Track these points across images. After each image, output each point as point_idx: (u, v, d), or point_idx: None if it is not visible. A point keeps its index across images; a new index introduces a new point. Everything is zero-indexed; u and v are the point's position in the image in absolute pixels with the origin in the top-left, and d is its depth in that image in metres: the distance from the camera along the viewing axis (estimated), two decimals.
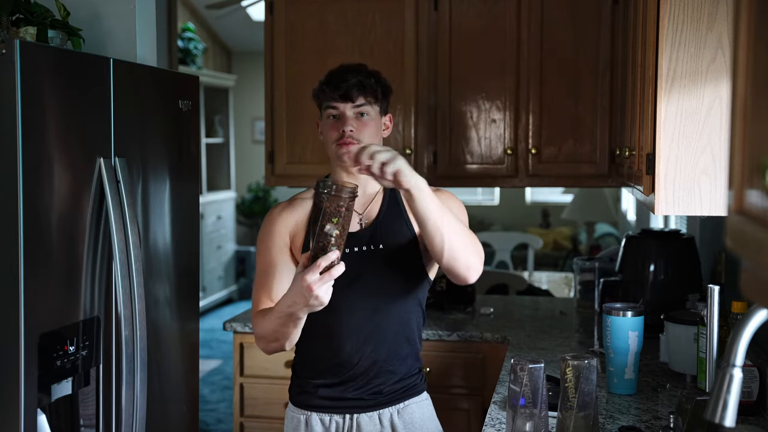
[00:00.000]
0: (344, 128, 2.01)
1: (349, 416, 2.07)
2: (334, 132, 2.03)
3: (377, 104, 2.06)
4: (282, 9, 3.27)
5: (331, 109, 2.04)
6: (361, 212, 2.08)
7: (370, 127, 2.03)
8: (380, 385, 2.06)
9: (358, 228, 2.07)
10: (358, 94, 2.02)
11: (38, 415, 1.94)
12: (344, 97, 2.01)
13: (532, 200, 9.89)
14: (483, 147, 3.18)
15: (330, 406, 2.08)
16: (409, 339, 2.09)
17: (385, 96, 2.09)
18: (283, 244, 2.08)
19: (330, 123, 2.04)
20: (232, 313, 7.75)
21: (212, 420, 4.99)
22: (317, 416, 2.09)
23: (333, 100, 2.03)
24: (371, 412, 2.07)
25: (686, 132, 1.69)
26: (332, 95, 2.02)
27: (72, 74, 2.02)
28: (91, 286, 2.10)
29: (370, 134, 2.03)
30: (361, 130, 2.02)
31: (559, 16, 3.12)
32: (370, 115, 2.04)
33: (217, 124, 8.40)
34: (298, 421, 2.11)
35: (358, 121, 2.02)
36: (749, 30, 0.79)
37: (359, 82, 2.02)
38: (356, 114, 2.02)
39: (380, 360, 2.05)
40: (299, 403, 2.13)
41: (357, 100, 2.02)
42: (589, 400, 1.72)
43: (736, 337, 1.24)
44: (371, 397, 2.06)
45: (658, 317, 2.41)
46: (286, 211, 2.12)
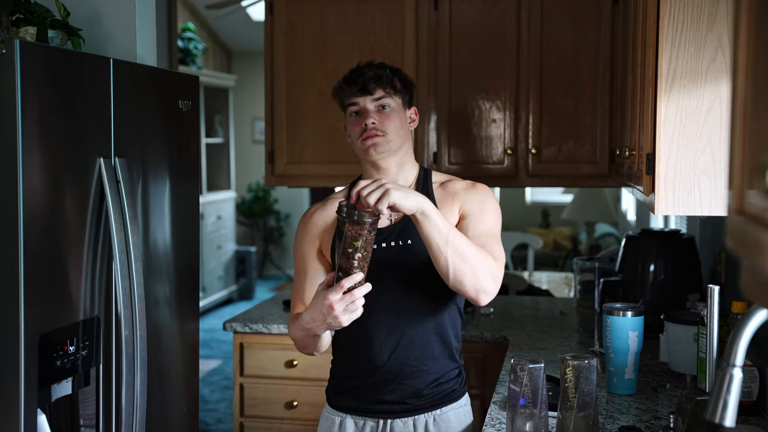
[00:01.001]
0: (366, 121, 1.99)
1: (383, 421, 2.04)
2: (356, 127, 2.02)
3: (397, 95, 2.04)
4: (282, 9, 3.28)
5: (352, 106, 2.03)
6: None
7: (393, 119, 2.02)
8: (414, 388, 2.02)
9: (388, 223, 2.04)
10: (375, 86, 2.01)
11: (38, 415, 1.94)
12: (362, 90, 2.01)
13: (532, 200, 9.89)
14: (483, 147, 3.18)
15: (365, 409, 2.05)
16: (442, 337, 2.04)
17: (405, 88, 2.07)
18: (315, 249, 2.10)
19: (353, 120, 2.04)
20: (232, 313, 7.76)
21: (212, 420, 4.99)
22: (351, 419, 2.07)
23: (352, 96, 2.02)
24: (406, 417, 2.03)
25: (686, 132, 1.69)
26: (350, 90, 2.02)
27: (72, 74, 2.02)
28: (91, 286, 2.10)
29: (395, 126, 2.01)
30: (384, 122, 2.00)
31: (559, 16, 3.12)
32: (391, 107, 2.03)
33: (217, 124, 8.40)
34: (332, 422, 2.10)
35: (380, 113, 2.01)
36: (749, 30, 0.79)
37: (375, 75, 2.01)
38: (377, 107, 2.01)
39: (411, 359, 2.01)
40: (335, 404, 2.11)
41: (375, 93, 2.01)
42: (589, 400, 1.72)
43: (736, 337, 1.24)
44: (407, 401, 2.03)
45: (658, 317, 2.41)
46: (318, 213, 2.12)
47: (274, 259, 9.76)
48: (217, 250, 8.14)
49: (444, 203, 2.04)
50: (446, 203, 2.04)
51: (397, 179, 2.05)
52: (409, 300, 2.02)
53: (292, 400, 3.04)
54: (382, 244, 2.01)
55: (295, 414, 3.04)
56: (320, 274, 2.08)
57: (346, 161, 3.25)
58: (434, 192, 2.07)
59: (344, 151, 3.27)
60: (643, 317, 2.18)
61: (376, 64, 2.06)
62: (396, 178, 2.06)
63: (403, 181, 2.07)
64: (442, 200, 2.05)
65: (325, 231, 2.09)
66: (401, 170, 2.07)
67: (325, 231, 2.09)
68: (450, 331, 2.07)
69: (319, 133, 3.28)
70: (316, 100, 3.28)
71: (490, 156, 3.18)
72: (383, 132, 2.00)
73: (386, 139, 2.00)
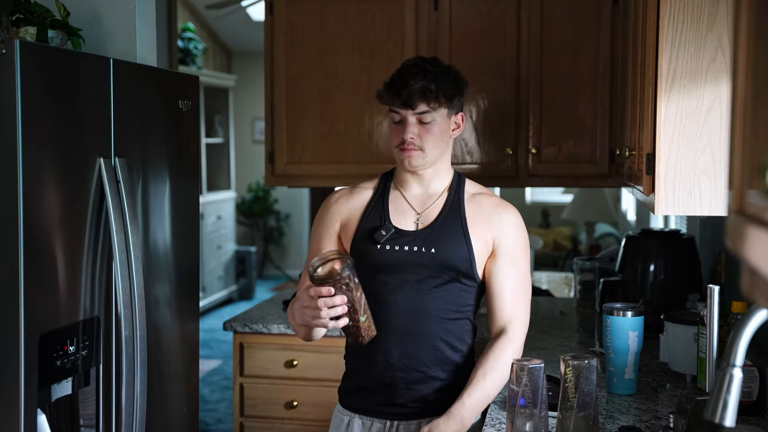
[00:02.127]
0: (404, 135, 1.97)
1: (390, 422, 2.04)
2: (396, 136, 2.00)
3: (443, 107, 1.99)
4: (282, 9, 3.27)
5: (393, 114, 2.00)
6: (419, 212, 2.06)
7: (433, 134, 1.98)
8: (422, 393, 2.02)
9: (414, 228, 2.04)
10: (419, 101, 1.96)
11: (38, 415, 1.94)
12: (405, 104, 1.96)
13: (532, 200, 9.90)
14: (483, 147, 3.18)
15: (372, 410, 2.05)
16: (452, 346, 2.04)
17: (452, 97, 2.00)
18: (333, 232, 2.10)
19: (393, 126, 2.01)
20: (232, 313, 7.76)
21: (212, 420, 4.99)
22: (359, 419, 2.07)
23: (395, 105, 1.98)
24: (412, 420, 2.03)
25: (686, 132, 1.69)
26: (393, 101, 1.98)
27: (72, 74, 2.02)
28: (91, 286, 2.10)
29: (434, 140, 1.99)
30: (423, 137, 1.98)
31: (559, 16, 3.12)
32: (434, 121, 1.98)
33: (217, 124, 8.40)
34: (341, 420, 2.10)
35: (420, 126, 1.98)
36: (749, 30, 0.79)
37: (421, 89, 1.95)
38: (419, 119, 1.97)
39: (421, 364, 2.01)
40: (345, 403, 2.11)
41: (418, 108, 1.96)
42: (589, 400, 1.72)
43: (736, 337, 1.24)
44: (415, 405, 2.02)
45: (658, 317, 2.41)
46: (343, 199, 2.11)
47: (274, 259, 9.76)
48: (217, 250, 8.14)
49: (475, 222, 2.03)
50: (478, 222, 2.03)
51: (431, 183, 2.06)
52: (424, 306, 2.01)
53: (292, 400, 3.04)
54: (405, 247, 2.01)
55: (295, 414, 3.04)
56: None
57: (346, 161, 3.25)
58: (465, 204, 2.05)
59: (344, 151, 3.27)
60: (643, 317, 2.18)
61: (424, 71, 1.97)
62: (430, 182, 2.06)
63: (436, 185, 2.07)
64: (474, 218, 2.04)
65: (347, 215, 2.09)
66: (435, 176, 2.06)
67: (348, 215, 2.08)
68: (461, 339, 2.06)
69: (319, 133, 3.28)
70: (316, 100, 3.28)
71: (490, 156, 3.18)
72: (420, 147, 1.98)
73: (423, 155, 1.99)
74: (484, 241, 2.02)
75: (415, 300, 2.00)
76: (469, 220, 2.03)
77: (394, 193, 2.09)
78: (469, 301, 2.06)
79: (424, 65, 1.99)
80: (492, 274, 2.03)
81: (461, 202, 2.05)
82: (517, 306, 2.03)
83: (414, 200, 2.07)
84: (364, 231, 2.05)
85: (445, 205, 2.05)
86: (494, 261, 2.03)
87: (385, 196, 2.08)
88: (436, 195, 2.06)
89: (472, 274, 2.02)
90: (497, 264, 2.03)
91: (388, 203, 2.07)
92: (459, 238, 2.01)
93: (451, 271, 2.00)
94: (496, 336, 2.03)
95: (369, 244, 2.02)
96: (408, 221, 2.05)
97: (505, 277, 2.03)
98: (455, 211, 2.04)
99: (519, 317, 2.03)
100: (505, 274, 2.03)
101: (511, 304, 2.03)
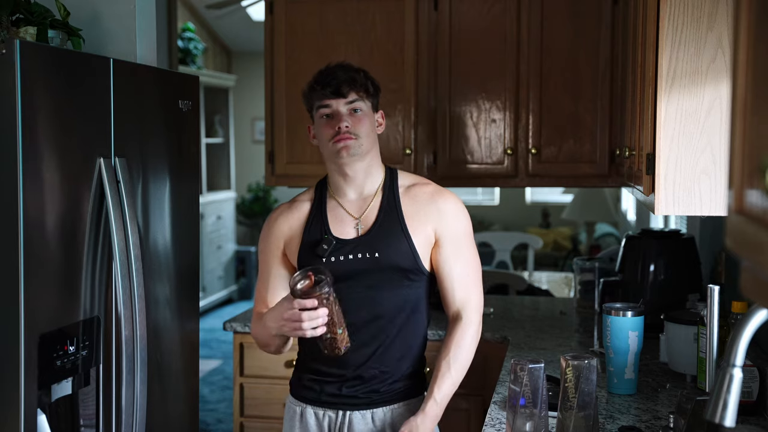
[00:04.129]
0: (339, 125, 2.00)
1: (342, 412, 2.07)
2: (329, 129, 2.01)
3: (369, 99, 2.05)
4: (282, 9, 3.27)
5: (323, 108, 2.02)
6: (357, 217, 2.07)
7: (365, 123, 2.02)
8: (374, 386, 2.06)
9: (355, 234, 2.06)
10: (349, 89, 2.01)
11: (38, 415, 1.94)
12: (336, 93, 2.00)
13: (532, 200, 9.89)
14: (483, 147, 3.18)
15: (324, 401, 2.08)
16: (408, 342, 2.08)
17: (376, 92, 2.08)
18: (277, 250, 2.13)
19: (323, 122, 2.03)
20: (232, 313, 7.75)
21: (212, 420, 4.99)
22: (312, 410, 2.10)
23: (325, 98, 2.01)
24: (365, 410, 2.06)
25: (686, 132, 1.69)
26: (323, 92, 2.01)
27: (72, 74, 2.02)
28: (91, 286, 2.10)
29: (366, 130, 2.02)
30: (356, 126, 2.01)
31: (559, 16, 3.12)
32: (363, 111, 2.03)
33: (217, 124, 8.39)
34: (294, 412, 2.13)
35: (352, 117, 2.01)
36: (749, 30, 0.79)
37: (350, 78, 2.01)
38: (350, 110, 2.01)
39: (378, 363, 2.04)
40: (297, 395, 2.14)
41: (349, 96, 2.01)
42: (589, 400, 1.72)
43: (736, 337, 1.24)
44: (366, 395, 2.06)
45: (658, 317, 2.41)
46: (282, 217, 2.14)
47: None
48: (217, 250, 8.14)
49: (413, 217, 2.05)
50: (415, 217, 2.05)
51: (365, 185, 2.07)
52: (374, 309, 2.04)
53: None
54: (349, 256, 2.03)
55: None
56: (282, 276, 2.13)
57: None
58: (401, 198, 2.07)
59: None
60: (643, 317, 2.18)
61: (347, 66, 2.06)
62: (363, 183, 2.07)
63: (370, 186, 2.08)
64: (411, 213, 2.05)
65: (288, 233, 2.11)
66: (368, 175, 2.08)
67: (289, 233, 2.11)
68: (415, 336, 2.10)
69: None
70: None
71: (490, 156, 3.18)
72: (356, 135, 2.00)
73: (358, 143, 2.01)
74: (426, 234, 2.04)
75: (369, 305, 2.03)
76: (407, 216, 2.05)
77: (330, 202, 2.11)
78: (420, 295, 2.09)
79: (345, 64, 2.07)
80: (439, 264, 2.06)
81: (396, 199, 2.07)
82: (469, 290, 2.06)
83: (351, 206, 2.08)
84: (306, 245, 2.07)
85: (381, 205, 2.06)
86: (439, 250, 2.06)
87: (323, 207, 2.10)
88: (371, 196, 2.08)
89: (419, 269, 2.05)
90: (442, 253, 2.05)
91: (327, 213, 2.09)
92: (399, 237, 2.03)
93: (398, 271, 2.03)
94: (453, 323, 2.07)
95: (313, 257, 2.04)
96: (348, 228, 2.06)
97: (452, 264, 2.05)
98: (392, 210, 2.06)
99: (472, 301, 2.07)
100: (452, 261, 2.05)
101: (462, 289, 2.06)
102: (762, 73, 0.75)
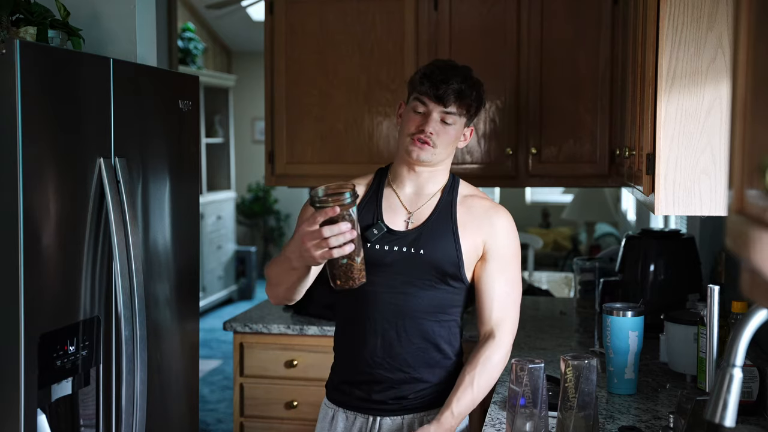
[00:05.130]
0: (425, 126, 1.96)
1: (373, 418, 2.04)
2: (414, 124, 1.98)
3: (466, 116, 2.01)
4: (282, 9, 3.28)
5: (419, 104, 1.99)
6: (410, 211, 2.05)
7: (449, 136, 1.99)
8: (404, 392, 2.02)
9: (404, 228, 2.03)
10: (453, 101, 1.96)
11: (38, 415, 1.94)
12: (438, 98, 1.96)
13: (532, 200, 9.89)
14: (483, 147, 3.18)
15: (354, 405, 2.06)
16: (438, 347, 2.04)
17: (476, 110, 2.03)
18: None
19: (413, 115, 1.99)
20: (232, 313, 7.76)
21: (212, 420, 4.99)
22: (343, 413, 2.08)
23: (426, 96, 1.97)
24: (395, 416, 2.04)
25: (686, 132, 1.69)
26: (428, 91, 1.97)
27: (72, 74, 2.02)
28: (91, 286, 2.10)
29: (447, 142, 1.99)
30: (440, 136, 1.97)
31: (559, 16, 3.12)
32: (454, 125, 1.99)
33: (217, 124, 8.40)
34: (326, 414, 2.12)
35: (440, 125, 1.97)
36: (749, 30, 0.79)
37: (459, 90, 1.96)
38: (442, 118, 1.97)
39: (405, 364, 2.01)
40: (330, 397, 2.13)
41: (449, 107, 1.96)
42: (589, 400, 1.72)
43: (736, 337, 1.24)
44: (395, 401, 2.03)
45: (658, 317, 2.41)
46: None
47: None
48: (217, 250, 8.14)
49: (466, 224, 2.03)
50: (468, 225, 2.03)
51: (426, 184, 2.05)
52: (410, 307, 2.00)
53: (292, 400, 3.04)
54: (395, 247, 2.00)
55: (295, 414, 3.04)
56: None
57: (346, 161, 3.25)
58: (457, 206, 2.05)
59: (344, 151, 3.27)
60: (643, 317, 2.18)
61: (464, 75, 1.99)
62: (425, 183, 2.05)
63: (431, 186, 2.06)
64: (465, 220, 2.03)
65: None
66: (432, 177, 2.05)
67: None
68: (447, 341, 2.06)
69: (319, 133, 3.28)
70: (316, 100, 3.28)
71: (490, 156, 3.18)
72: (434, 144, 1.97)
73: (434, 152, 1.98)
74: (474, 244, 2.02)
75: (402, 300, 2.00)
76: (460, 222, 2.02)
77: (387, 190, 2.08)
78: (456, 303, 2.06)
79: (465, 70, 2.01)
80: (482, 278, 2.03)
81: (453, 203, 2.05)
82: (506, 311, 2.03)
83: (406, 199, 2.07)
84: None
85: (437, 206, 2.04)
86: (484, 265, 2.03)
87: (379, 193, 2.07)
88: (429, 196, 2.06)
89: (460, 276, 2.02)
90: (487, 268, 2.03)
91: (382, 200, 2.06)
92: (448, 239, 2.01)
93: (439, 272, 2.00)
94: (484, 340, 2.02)
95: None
96: (399, 220, 2.04)
97: (495, 281, 2.03)
98: (446, 212, 2.03)
99: (507, 322, 2.03)
100: (496, 278, 2.03)
101: (500, 308, 2.02)
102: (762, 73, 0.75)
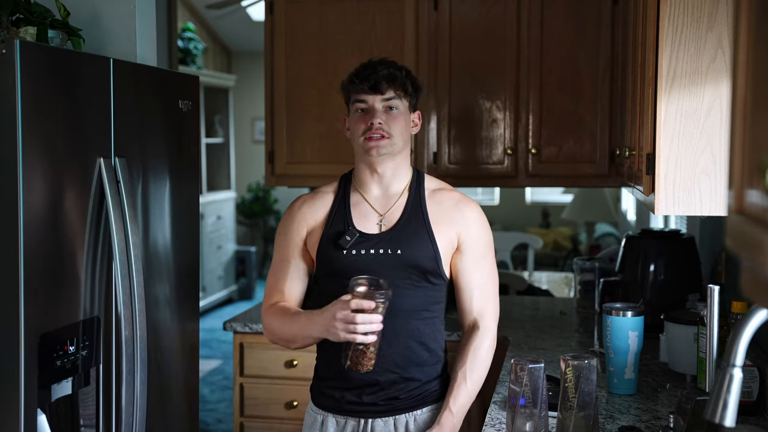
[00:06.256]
0: (372, 120, 1.98)
1: (364, 420, 2.04)
2: (361, 124, 2.00)
3: (406, 98, 2.03)
4: (282, 9, 3.28)
5: (359, 103, 2.01)
6: (382, 213, 2.06)
7: (399, 122, 2.01)
8: (394, 392, 2.03)
9: (378, 230, 2.04)
10: (387, 86, 1.99)
11: (38, 415, 1.94)
12: (373, 88, 1.98)
13: (532, 200, 9.89)
14: (483, 147, 3.18)
15: (345, 409, 2.06)
16: (426, 345, 2.05)
17: (416, 91, 2.06)
18: (299, 240, 2.10)
19: (358, 116, 2.02)
20: (232, 313, 7.76)
21: (212, 420, 4.99)
22: (333, 418, 2.07)
23: (362, 92, 2.00)
24: (386, 417, 2.04)
25: (686, 132, 1.69)
26: (361, 87, 1.99)
27: (72, 74, 2.02)
28: (91, 286, 2.10)
29: (400, 129, 2.01)
30: (390, 124, 1.99)
31: (559, 16, 3.12)
32: (399, 110, 2.01)
33: (217, 124, 8.40)
34: (314, 419, 2.11)
35: (387, 114, 2.00)
36: (749, 30, 0.79)
37: (390, 74, 1.99)
38: (385, 107, 2.00)
39: (395, 365, 2.01)
40: (318, 403, 2.12)
41: (386, 93, 1.99)
42: (589, 400, 1.72)
43: (736, 337, 1.24)
44: (386, 402, 2.03)
45: (658, 317, 2.41)
46: (306, 206, 2.11)
47: None
48: (217, 250, 8.14)
49: (438, 220, 2.04)
50: (440, 220, 2.04)
51: (391, 183, 2.06)
52: (393, 308, 1.99)
53: (292, 400, 3.04)
54: (371, 250, 2.01)
55: (295, 414, 3.04)
56: (300, 266, 2.09)
57: (346, 161, 3.23)
58: (426, 201, 2.06)
59: (344, 151, 3.27)
60: (643, 317, 2.18)
61: (389, 62, 2.04)
62: (390, 181, 2.06)
63: (396, 185, 2.07)
64: (436, 215, 2.05)
65: (312, 224, 2.08)
66: (396, 174, 2.07)
67: (313, 224, 2.08)
68: (433, 338, 2.07)
69: (319, 133, 3.28)
70: (316, 100, 3.28)
71: (490, 156, 3.18)
72: (388, 134, 1.99)
73: (390, 142, 2.00)
74: (449, 238, 2.04)
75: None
76: (432, 218, 2.04)
77: (354, 196, 2.09)
78: (438, 299, 2.07)
79: (388, 60, 2.05)
80: (459, 271, 2.06)
81: (422, 200, 2.06)
82: (487, 299, 2.06)
83: (375, 202, 2.07)
84: (328, 237, 2.05)
85: (406, 204, 2.05)
86: (460, 257, 2.05)
87: (347, 200, 2.08)
88: (397, 195, 2.07)
89: (439, 272, 2.03)
90: (463, 260, 2.05)
91: (350, 207, 2.07)
92: (423, 237, 2.02)
93: (419, 270, 2.02)
94: (470, 331, 2.05)
95: (334, 249, 2.03)
96: (371, 224, 2.05)
97: (472, 272, 2.05)
98: (417, 210, 2.05)
99: (489, 310, 2.06)
100: (473, 269, 2.05)
101: (481, 297, 2.06)
102: (762, 73, 0.75)
